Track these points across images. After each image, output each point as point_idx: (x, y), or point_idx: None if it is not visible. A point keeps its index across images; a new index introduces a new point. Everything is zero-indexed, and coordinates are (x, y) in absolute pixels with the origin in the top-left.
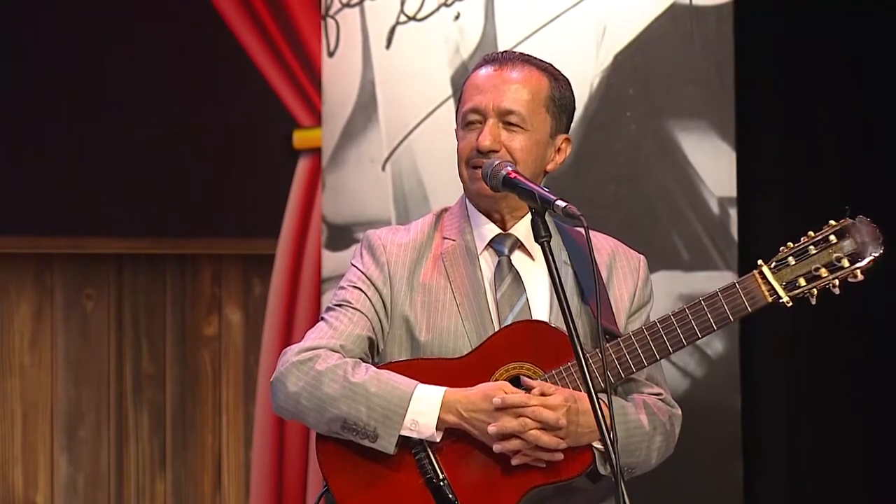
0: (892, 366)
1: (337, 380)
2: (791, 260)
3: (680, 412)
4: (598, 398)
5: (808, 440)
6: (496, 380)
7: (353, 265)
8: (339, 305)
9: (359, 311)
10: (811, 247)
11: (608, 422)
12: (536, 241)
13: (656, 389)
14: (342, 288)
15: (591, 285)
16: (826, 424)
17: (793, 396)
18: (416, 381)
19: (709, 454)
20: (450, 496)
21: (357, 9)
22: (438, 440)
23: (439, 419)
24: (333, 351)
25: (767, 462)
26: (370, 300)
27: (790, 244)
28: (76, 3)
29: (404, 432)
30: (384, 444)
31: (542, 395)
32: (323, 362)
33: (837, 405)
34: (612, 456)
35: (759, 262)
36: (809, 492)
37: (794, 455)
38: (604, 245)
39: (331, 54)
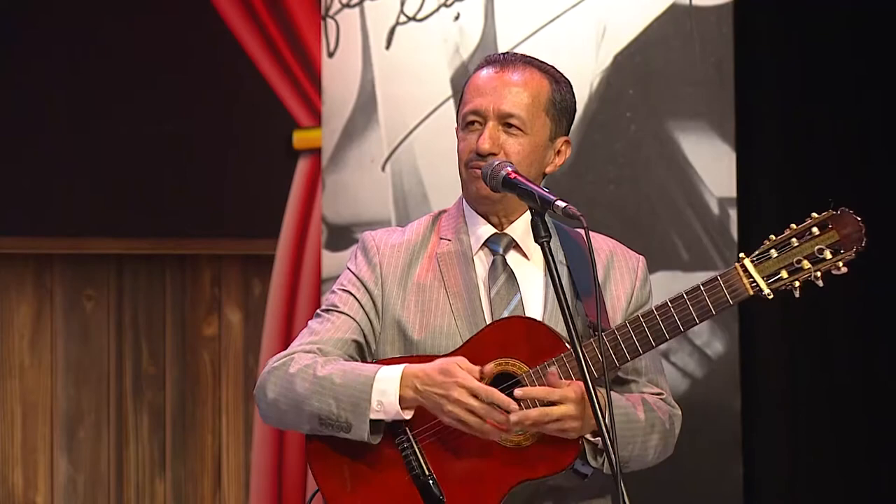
0: (891, 366)
1: (307, 378)
2: (773, 252)
3: (680, 412)
4: (594, 389)
5: (807, 440)
6: (483, 376)
7: (347, 267)
8: (326, 311)
9: (344, 314)
10: (794, 239)
11: (605, 415)
12: (536, 241)
13: (657, 390)
14: (332, 292)
15: (587, 285)
16: (825, 424)
17: (792, 396)
18: (379, 366)
19: (709, 454)
20: (436, 492)
21: (357, 9)
22: (409, 417)
23: (400, 396)
24: (308, 353)
25: (767, 462)
26: (359, 302)
27: (773, 236)
28: (76, 3)
29: (373, 416)
30: (359, 432)
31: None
32: (295, 364)
33: (837, 405)
34: (610, 451)
35: (741, 254)
36: (809, 492)
37: (794, 455)
38: (602, 245)
39: (331, 54)
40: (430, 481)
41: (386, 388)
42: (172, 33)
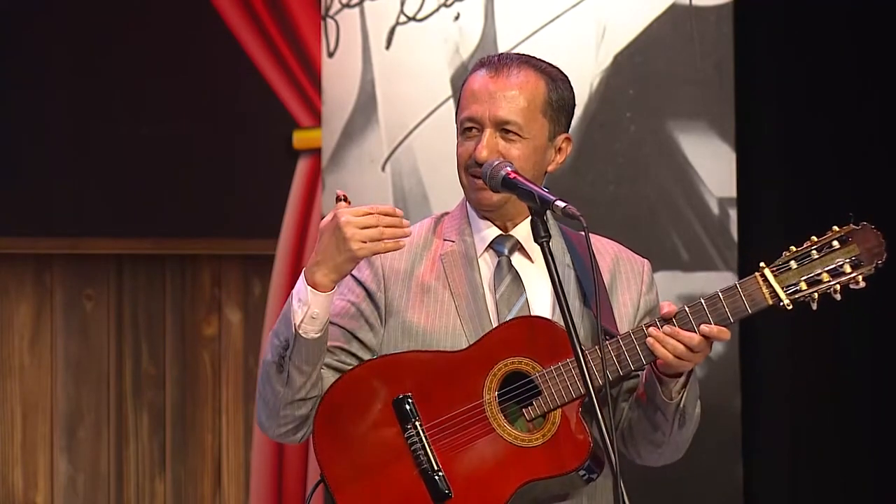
0: (892, 366)
1: (263, 353)
2: (793, 263)
3: None
4: (608, 383)
5: (807, 441)
6: (495, 374)
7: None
8: None
9: (335, 324)
10: (814, 251)
11: (607, 422)
12: (536, 241)
13: None
14: (332, 303)
15: (593, 289)
16: (826, 425)
17: (793, 397)
18: None
19: (709, 454)
20: (443, 487)
21: (357, 9)
22: (326, 293)
23: (310, 284)
24: None
25: (767, 462)
26: (358, 309)
27: (793, 248)
28: (76, 3)
29: (297, 316)
30: (290, 337)
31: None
32: None
33: (837, 406)
34: (611, 456)
35: (762, 264)
36: (809, 492)
37: (794, 455)
38: (607, 249)
39: (331, 54)
40: (438, 476)
41: (298, 287)
42: (172, 33)
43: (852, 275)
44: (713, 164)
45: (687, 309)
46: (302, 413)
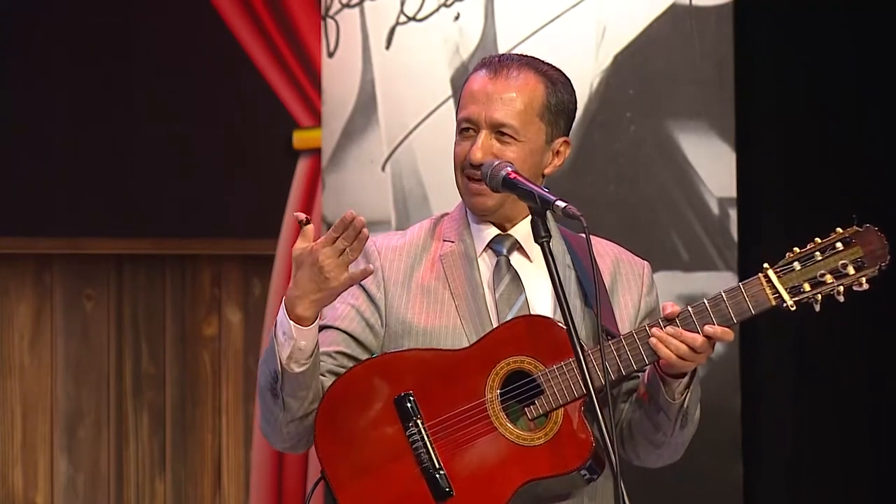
0: (892, 366)
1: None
2: (797, 265)
3: None
4: (609, 383)
5: (808, 441)
6: (497, 373)
7: None
8: (321, 328)
9: (335, 328)
10: (817, 253)
11: (607, 422)
12: (536, 241)
13: None
14: (332, 307)
15: (594, 289)
16: (826, 425)
17: (793, 397)
18: None
19: (709, 455)
20: (444, 486)
21: (357, 9)
22: (308, 326)
23: (289, 315)
24: None
25: (767, 463)
26: (359, 312)
27: (796, 249)
28: (76, 3)
29: (283, 350)
30: (277, 370)
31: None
32: None
33: (838, 406)
34: (612, 456)
35: (765, 265)
36: (809, 492)
37: (794, 456)
38: (607, 251)
39: (331, 54)
40: (439, 474)
41: (281, 319)
42: (172, 33)
43: (855, 276)
44: (713, 164)
45: (690, 310)
46: (306, 425)
